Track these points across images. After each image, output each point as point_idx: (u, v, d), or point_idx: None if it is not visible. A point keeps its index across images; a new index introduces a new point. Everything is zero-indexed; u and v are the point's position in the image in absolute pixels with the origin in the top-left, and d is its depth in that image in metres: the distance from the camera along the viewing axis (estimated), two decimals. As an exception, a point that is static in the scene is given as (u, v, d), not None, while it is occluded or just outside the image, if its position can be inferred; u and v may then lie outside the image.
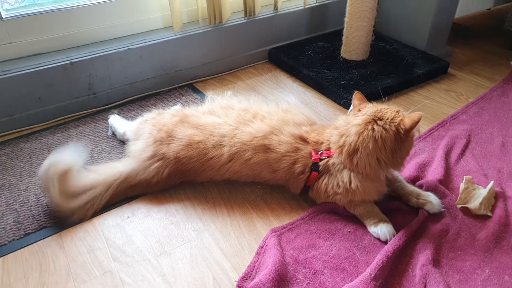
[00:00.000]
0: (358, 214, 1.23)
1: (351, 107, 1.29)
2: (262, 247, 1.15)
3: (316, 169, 1.24)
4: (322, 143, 1.26)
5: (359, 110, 1.21)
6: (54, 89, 1.68)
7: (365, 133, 1.15)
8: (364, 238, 1.18)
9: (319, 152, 1.24)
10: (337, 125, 1.24)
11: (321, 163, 1.23)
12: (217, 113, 1.37)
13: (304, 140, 1.28)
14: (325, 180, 1.24)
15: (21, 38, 1.65)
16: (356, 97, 1.27)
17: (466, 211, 1.26)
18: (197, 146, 1.28)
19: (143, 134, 1.38)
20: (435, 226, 1.21)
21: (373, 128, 1.14)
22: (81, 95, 1.76)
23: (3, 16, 1.59)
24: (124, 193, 1.32)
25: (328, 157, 1.23)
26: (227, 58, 2.09)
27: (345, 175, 1.20)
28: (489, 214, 1.25)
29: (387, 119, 1.15)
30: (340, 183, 1.20)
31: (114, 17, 1.81)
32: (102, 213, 1.28)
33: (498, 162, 1.45)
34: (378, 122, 1.15)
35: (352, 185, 1.19)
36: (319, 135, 1.28)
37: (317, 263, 1.11)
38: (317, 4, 2.28)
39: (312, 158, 1.24)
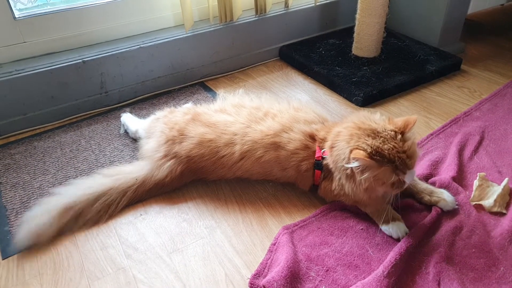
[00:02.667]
0: (369, 212, 1.22)
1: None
2: (274, 245, 1.15)
3: (318, 168, 1.23)
4: (327, 140, 1.24)
5: (390, 121, 1.15)
6: (67, 88, 1.70)
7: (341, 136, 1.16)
8: (376, 235, 1.18)
9: (322, 151, 1.24)
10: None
11: (324, 161, 1.23)
12: (229, 111, 1.37)
13: (313, 138, 1.27)
14: (330, 179, 1.23)
15: (34, 38, 1.66)
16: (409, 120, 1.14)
17: (480, 208, 1.25)
18: (208, 145, 1.29)
19: (155, 132, 1.39)
20: (448, 223, 1.19)
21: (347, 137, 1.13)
22: (93, 94, 1.77)
23: (16, 16, 1.60)
24: (141, 197, 1.32)
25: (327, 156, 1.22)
26: (238, 56, 2.09)
27: (336, 177, 1.20)
28: (504, 211, 1.23)
29: (364, 137, 1.10)
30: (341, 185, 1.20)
31: (125, 16, 1.82)
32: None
33: (513, 159, 1.43)
34: (357, 133, 1.12)
35: (346, 189, 1.18)
36: (327, 133, 1.27)
37: (330, 260, 1.11)
38: (328, 1, 2.27)
39: (315, 156, 1.24)
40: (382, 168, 1.06)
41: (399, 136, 1.09)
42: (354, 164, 1.07)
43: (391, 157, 1.06)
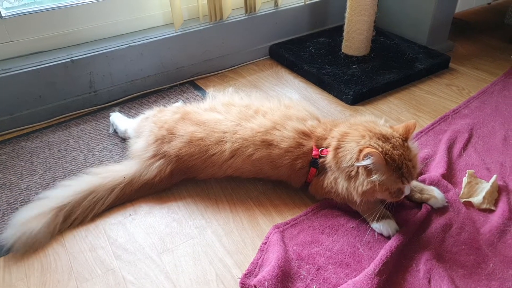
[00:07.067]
0: (360, 210, 1.22)
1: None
2: (265, 244, 1.15)
3: (314, 165, 1.23)
4: (325, 138, 1.25)
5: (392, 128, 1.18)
6: (55, 87, 1.68)
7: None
8: (367, 233, 1.18)
9: (320, 149, 1.24)
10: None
11: (321, 160, 1.22)
12: (219, 110, 1.36)
13: (307, 135, 1.26)
14: (322, 177, 1.23)
15: (21, 37, 1.64)
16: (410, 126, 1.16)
17: (469, 205, 1.26)
18: (198, 143, 1.28)
19: (144, 131, 1.38)
20: (438, 220, 1.20)
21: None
22: (82, 93, 1.75)
23: (3, 15, 1.58)
24: (129, 196, 1.30)
25: (327, 155, 1.22)
26: (228, 55, 2.08)
27: (331, 176, 1.20)
28: (492, 208, 1.24)
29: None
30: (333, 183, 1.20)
31: (114, 15, 1.80)
32: (104, 211, 1.28)
33: (501, 156, 1.44)
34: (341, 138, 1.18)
35: (340, 189, 1.18)
36: (325, 130, 1.27)
37: (321, 259, 1.11)
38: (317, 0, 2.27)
39: (312, 154, 1.23)
40: (390, 172, 1.07)
41: (406, 144, 1.12)
42: (365, 162, 1.06)
43: (399, 164, 1.08)
